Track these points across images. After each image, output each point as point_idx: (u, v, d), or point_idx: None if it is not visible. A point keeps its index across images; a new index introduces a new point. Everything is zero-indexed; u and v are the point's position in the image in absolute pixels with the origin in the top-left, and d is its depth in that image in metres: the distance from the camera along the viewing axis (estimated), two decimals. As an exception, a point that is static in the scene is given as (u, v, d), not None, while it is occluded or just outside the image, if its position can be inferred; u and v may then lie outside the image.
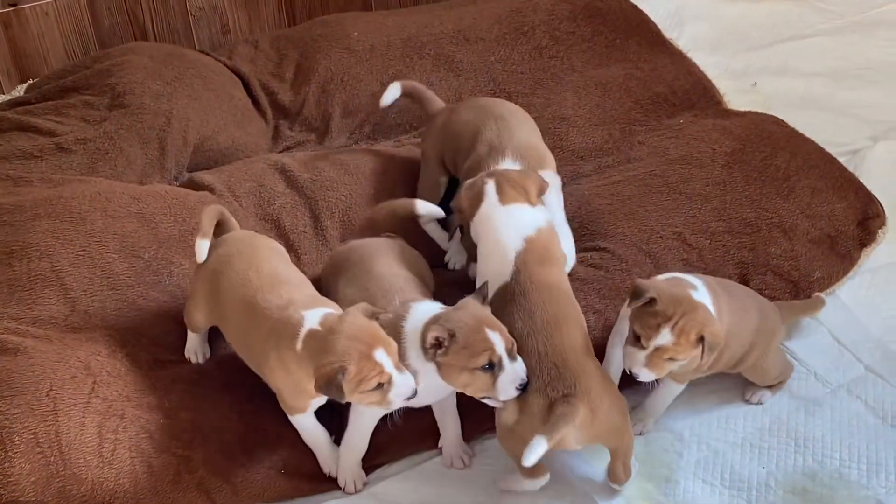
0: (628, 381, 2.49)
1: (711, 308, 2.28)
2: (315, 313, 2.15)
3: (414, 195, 2.86)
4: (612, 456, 2.34)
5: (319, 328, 2.11)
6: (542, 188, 2.48)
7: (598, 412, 2.21)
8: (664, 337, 2.21)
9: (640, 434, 2.50)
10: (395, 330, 2.22)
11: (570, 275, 2.64)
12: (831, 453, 2.47)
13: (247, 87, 3.44)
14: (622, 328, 2.36)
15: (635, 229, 2.83)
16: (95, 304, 2.55)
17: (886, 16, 3.95)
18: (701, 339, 2.22)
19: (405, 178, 3.00)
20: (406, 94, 3.06)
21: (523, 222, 2.42)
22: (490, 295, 2.29)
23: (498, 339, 2.16)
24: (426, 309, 2.25)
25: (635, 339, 2.26)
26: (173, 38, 3.72)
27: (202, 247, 2.37)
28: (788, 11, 3.99)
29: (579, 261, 2.76)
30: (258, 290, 2.26)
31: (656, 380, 2.33)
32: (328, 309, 2.18)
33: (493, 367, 2.15)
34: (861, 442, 2.49)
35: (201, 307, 2.41)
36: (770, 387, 2.59)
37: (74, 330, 2.49)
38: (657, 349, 2.23)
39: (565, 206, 2.84)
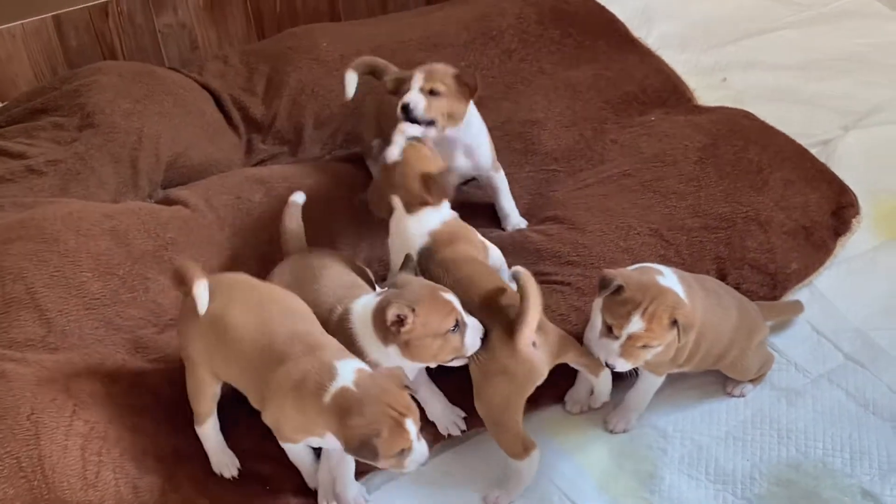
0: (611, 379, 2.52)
1: (682, 295, 2.30)
2: (347, 367, 2.11)
3: None
4: (582, 367, 2.44)
5: (354, 388, 2.07)
6: (444, 191, 2.56)
7: (544, 324, 2.31)
8: (635, 324, 2.22)
9: (625, 431, 2.51)
10: (343, 332, 2.26)
11: (547, 273, 2.71)
12: (814, 443, 2.48)
13: (218, 102, 3.42)
14: (596, 322, 2.36)
15: (612, 226, 2.84)
16: (72, 325, 2.53)
17: (852, 6, 3.98)
18: (674, 323, 2.23)
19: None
20: (365, 73, 3.06)
21: (428, 223, 2.54)
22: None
23: (455, 299, 2.23)
24: (364, 301, 2.30)
25: (608, 331, 2.28)
26: (142, 56, 3.71)
27: (202, 293, 2.22)
28: (755, 6, 4.01)
29: (558, 257, 2.77)
30: (275, 332, 2.18)
31: (635, 371, 2.35)
32: (359, 363, 2.14)
33: (457, 327, 2.21)
34: (843, 431, 2.51)
35: (204, 364, 2.28)
36: (751, 380, 2.60)
37: (52, 351, 2.47)
38: (630, 337, 2.24)
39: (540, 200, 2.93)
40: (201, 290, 2.21)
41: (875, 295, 2.83)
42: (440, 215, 2.56)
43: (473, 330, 2.25)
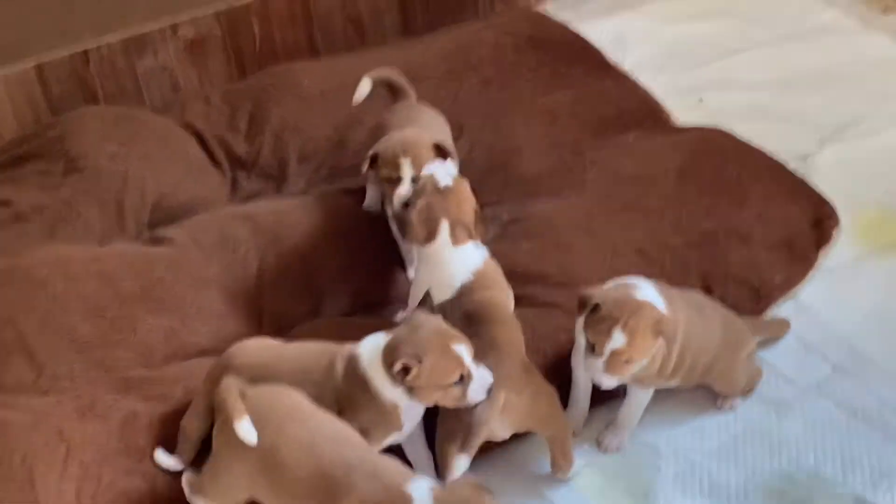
0: (600, 398, 2.53)
1: (662, 306, 2.31)
2: (420, 488, 2.03)
3: (376, 233, 2.94)
4: (549, 446, 2.39)
5: None
6: (482, 232, 2.54)
7: (522, 397, 2.27)
8: (617, 339, 2.24)
9: (618, 450, 2.51)
10: (353, 376, 2.24)
11: (535, 295, 2.73)
12: (806, 454, 2.49)
13: (201, 141, 3.44)
14: (580, 343, 2.38)
15: (597, 246, 2.87)
16: (63, 368, 2.53)
17: (823, 23, 4.03)
18: (658, 335, 2.25)
19: (366, 216, 3.03)
20: (379, 84, 3.11)
21: (472, 259, 2.49)
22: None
23: (465, 352, 2.18)
24: (373, 342, 2.27)
25: (591, 349, 2.29)
26: (124, 99, 3.72)
27: (247, 431, 2.07)
28: (729, 27, 4.05)
29: (545, 279, 2.80)
30: (332, 464, 2.07)
31: (622, 389, 2.37)
32: (428, 481, 2.07)
33: (462, 379, 2.18)
34: (834, 440, 2.52)
35: (243, 487, 2.16)
36: (740, 393, 2.62)
37: (43, 395, 2.47)
38: (613, 353, 2.25)
39: (524, 224, 2.97)
40: (246, 429, 2.07)
41: (859, 305, 2.85)
42: (481, 253, 2.52)
43: (479, 382, 2.20)
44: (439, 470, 2.32)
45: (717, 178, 3.05)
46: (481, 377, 2.20)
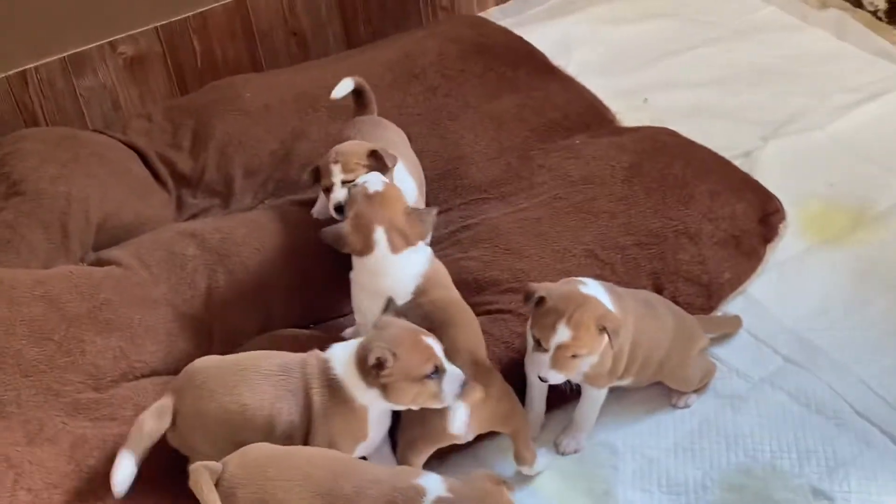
0: (555, 401, 2.53)
1: (609, 304, 2.32)
2: (431, 480, 2.04)
3: (326, 245, 2.87)
4: (513, 441, 2.40)
5: (450, 495, 2.01)
6: (421, 234, 2.52)
7: (487, 399, 2.27)
8: (562, 333, 2.24)
9: (576, 451, 2.51)
10: (326, 380, 2.23)
11: (488, 302, 2.74)
12: (762, 447, 2.51)
13: (144, 160, 3.40)
14: (530, 342, 2.39)
15: (548, 249, 2.87)
16: (10, 394, 2.48)
17: (762, 20, 4.09)
18: (602, 330, 2.25)
19: (315, 227, 2.99)
20: (357, 90, 3.12)
21: (417, 263, 2.48)
22: (378, 313, 2.35)
23: (436, 344, 2.21)
24: (343, 346, 2.29)
25: (537, 345, 2.29)
26: (65, 120, 3.68)
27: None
28: (669, 27, 4.10)
29: (497, 285, 2.80)
30: (327, 480, 2.06)
31: (573, 388, 2.38)
32: (436, 475, 2.08)
33: (437, 373, 2.19)
34: (789, 432, 2.54)
35: None
36: (695, 390, 2.63)
37: (-10, 421, 2.43)
38: (559, 347, 2.25)
39: (474, 230, 2.99)
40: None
41: (807, 297, 2.88)
42: (426, 254, 2.52)
43: (452, 377, 2.21)
44: None
45: (663, 178, 3.06)
46: (454, 372, 2.21)
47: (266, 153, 3.37)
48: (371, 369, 2.17)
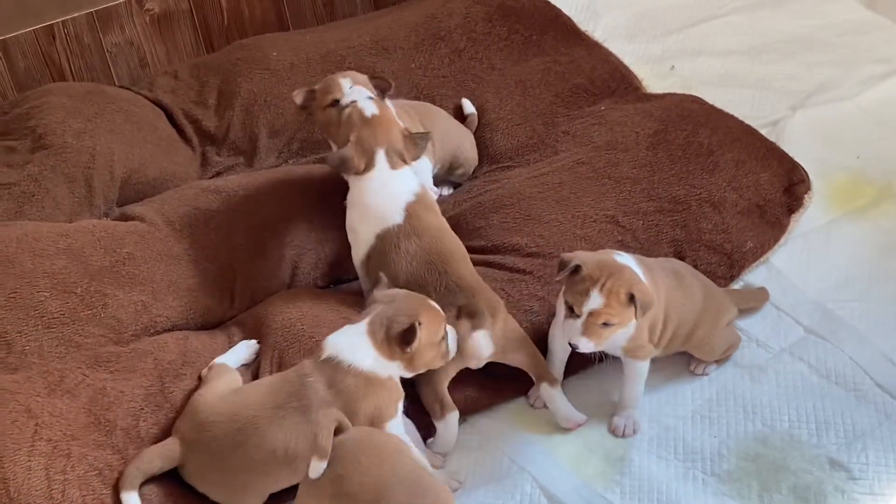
0: (574, 370, 2.53)
1: (642, 277, 2.32)
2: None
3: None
4: (530, 364, 2.48)
5: None
6: (415, 154, 2.65)
7: (498, 317, 2.44)
8: (594, 300, 2.24)
9: (636, 432, 2.48)
10: (336, 372, 2.23)
11: (509, 265, 2.75)
12: (780, 416, 2.50)
13: (170, 117, 3.41)
14: (560, 310, 2.39)
15: (568, 215, 2.86)
16: (32, 344, 2.51)
17: (794, -12, 4.04)
18: (631, 299, 2.25)
19: (338, 188, 3.00)
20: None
21: (411, 182, 2.63)
22: (372, 240, 2.56)
23: (439, 307, 2.31)
24: (346, 333, 2.29)
25: (569, 311, 2.30)
26: (91, 76, 3.69)
27: (316, 467, 2.01)
28: (700, -6, 4.05)
29: (517, 251, 2.79)
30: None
31: (600, 358, 2.40)
32: None
33: (444, 334, 2.30)
34: (808, 402, 2.53)
35: None
36: (716, 360, 2.63)
37: (12, 372, 2.44)
38: (591, 314, 2.26)
39: (495, 195, 3.00)
40: (315, 467, 2.01)
41: (831, 268, 2.86)
42: (417, 177, 2.62)
43: (453, 335, 2.33)
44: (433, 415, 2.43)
45: (688, 145, 3.04)
46: (452, 330, 2.34)
47: (291, 113, 3.36)
48: (400, 343, 2.21)
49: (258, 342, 2.58)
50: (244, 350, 2.56)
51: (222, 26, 3.86)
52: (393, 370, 2.26)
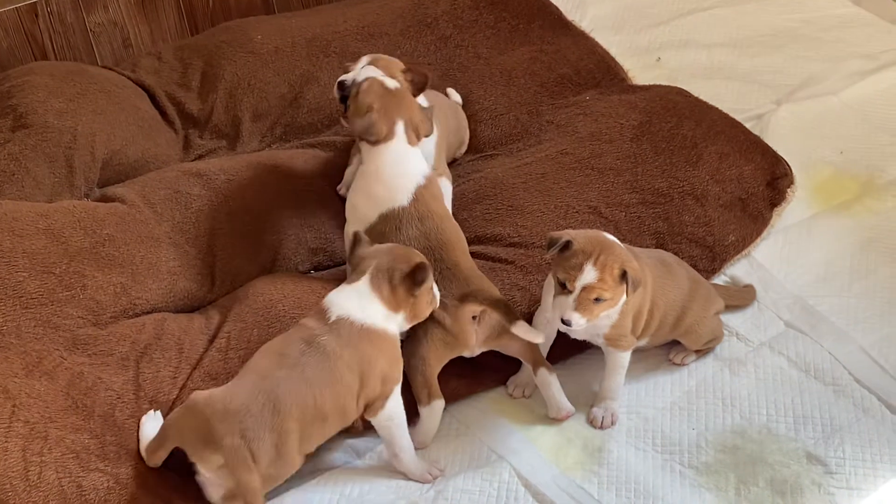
0: (558, 358, 2.53)
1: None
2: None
3: (332, 191, 2.95)
4: (526, 358, 2.49)
5: None
6: (427, 130, 2.65)
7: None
8: (588, 274, 2.24)
9: (613, 424, 2.49)
10: (347, 330, 2.22)
11: (491, 254, 2.75)
12: (758, 410, 2.51)
13: (153, 98, 3.38)
14: (546, 303, 2.38)
15: (551, 206, 2.86)
16: (9, 325, 2.48)
17: (781, -17, 4.04)
18: (623, 276, 2.25)
19: (322, 173, 3.00)
20: None
21: (422, 163, 2.62)
22: (374, 219, 2.53)
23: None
24: (348, 289, 2.29)
25: (562, 288, 2.29)
26: (74, 55, 3.65)
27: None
28: (687, -15, 4.05)
29: (499, 241, 2.78)
30: None
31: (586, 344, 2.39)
32: None
33: None
34: (786, 396, 2.54)
35: None
36: (696, 350, 2.63)
37: (-11, 352, 2.43)
38: (584, 289, 2.25)
39: (478, 185, 2.99)
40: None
41: (812, 263, 2.88)
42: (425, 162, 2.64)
43: (435, 286, 2.38)
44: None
45: (672, 137, 3.04)
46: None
47: (275, 97, 3.35)
48: (410, 285, 2.24)
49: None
50: None
51: (207, 8, 3.83)
52: (398, 323, 2.29)
